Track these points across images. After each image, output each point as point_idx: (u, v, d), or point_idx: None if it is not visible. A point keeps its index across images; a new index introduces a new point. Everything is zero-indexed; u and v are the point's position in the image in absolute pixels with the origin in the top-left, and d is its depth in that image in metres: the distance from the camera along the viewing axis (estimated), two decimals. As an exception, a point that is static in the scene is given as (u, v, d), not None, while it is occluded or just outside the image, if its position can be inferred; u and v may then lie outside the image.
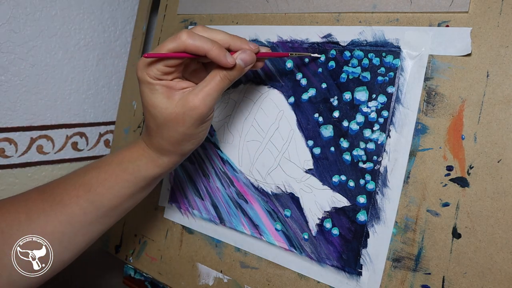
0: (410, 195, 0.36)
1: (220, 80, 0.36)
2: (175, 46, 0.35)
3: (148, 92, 0.36)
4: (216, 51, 0.35)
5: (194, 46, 0.34)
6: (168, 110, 0.36)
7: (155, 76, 0.36)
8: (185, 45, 0.35)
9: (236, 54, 0.36)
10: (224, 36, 0.37)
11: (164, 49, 0.35)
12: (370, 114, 0.38)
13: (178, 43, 0.35)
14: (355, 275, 0.38)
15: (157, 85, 0.36)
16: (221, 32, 0.37)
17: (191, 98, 0.36)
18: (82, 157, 0.66)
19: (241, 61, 0.36)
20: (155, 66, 0.35)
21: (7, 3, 0.53)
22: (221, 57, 0.35)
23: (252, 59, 0.37)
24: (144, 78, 0.36)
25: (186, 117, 0.36)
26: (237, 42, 0.37)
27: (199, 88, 0.36)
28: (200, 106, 0.36)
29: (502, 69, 0.33)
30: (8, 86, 0.56)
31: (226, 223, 0.47)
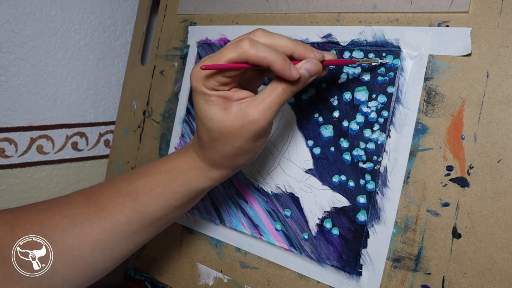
0: (410, 195, 0.36)
1: (282, 92, 0.33)
2: (236, 56, 0.31)
3: (204, 103, 0.33)
4: (280, 63, 0.31)
5: (257, 57, 0.31)
6: (225, 123, 0.33)
7: (212, 86, 0.33)
8: (247, 55, 0.31)
9: (301, 63, 0.33)
10: (287, 42, 0.33)
11: (223, 59, 0.32)
12: (370, 114, 0.38)
13: (239, 52, 0.31)
14: (355, 275, 0.38)
15: (213, 96, 0.33)
16: (284, 38, 0.33)
17: (250, 111, 0.33)
18: (82, 157, 0.66)
19: (306, 72, 0.33)
20: (212, 77, 0.32)
21: (7, 3, 0.53)
22: (285, 70, 0.32)
23: (318, 69, 0.34)
24: (200, 88, 0.33)
25: (244, 131, 0.33)
26: (301, 50, 0.33)
27: (259, 100, 0.33)
28: (260, 120, 0.33)
29: (502, 69, 0.33)
30: (8, 86, 0.56)
31: (226, 223, 0.47)
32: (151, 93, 0.58)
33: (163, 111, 0.56)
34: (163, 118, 0.56)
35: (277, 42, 0.33)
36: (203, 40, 0.52)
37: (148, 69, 0.59)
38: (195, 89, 0.34)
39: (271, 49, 0.32)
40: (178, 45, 0.55)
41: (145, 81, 0.59)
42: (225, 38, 0.49)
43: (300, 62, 0.33)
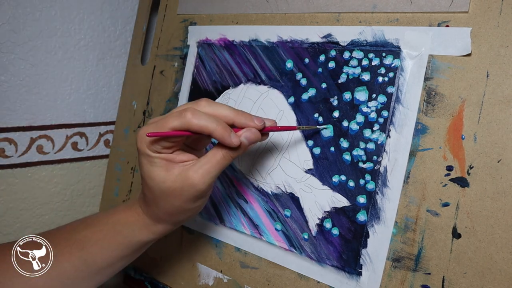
0: (410, 195, 0.36)
1: (222, 158, 0.35)
2: (179, 124, 0.33)
3: (147, 163, 0.36)
4: (220, 131, 0.34)
5: (198, 126, 0.33)
6: (166, 184, 0.35)
7: (156, 150, 0.35)
8: (189, 124, 0.33)
9: (241, 132, 0.35)
10: (229, 112, 0.35)
11: (167, 126, 0.34)
12: (370, 114, 0.38)
13: (182, 122, 0.33)
14: (355, 275, 0.38)
15: (156, 158, 0.35)
16: (226, 107, 0.35)
17: (190, 174, 0.35)
18: (82, 157, 0.66)
19: (246, 140, 0.35)
20: (157, 142, 0.35)
21: (7, 3, 0.53)
22: (225, 137, 0.34)
23: (257, 137, 0.36)
24: (144, 150, 0.35)
25: (184, 192, 0.35)
26: (242, 119, 0.35)
27: (199, 165, 0.35)
28: (199, 184, 0.35)
29: (502, 69, 0.33)
30: (8, 86, 0.56)
31: (226, 223, 0.47)
32: (151, 93, 0.58)
33: (163, 111, 0.56)
34: (163, 118, 0.56)
35: (219, 112, 0.35)
36: (203, 40, 0.52)
37: (148, 69, 0.59)
38: (140, 151, 0.36)
39: (212, 118, 0.34)
40: (178, 45, 0.55)
41: (145, 81, 0.59)
42: (225, 38, 0.49)
43: (241, 130, 0.35)
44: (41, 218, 0.64)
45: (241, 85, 0.47)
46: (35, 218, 0.63)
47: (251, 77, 0.47)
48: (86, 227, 0.40)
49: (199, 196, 0.36)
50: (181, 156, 0.36)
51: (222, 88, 0.49)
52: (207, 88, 0.51)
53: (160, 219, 0.38)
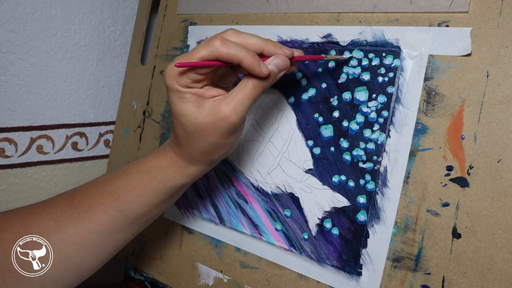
0: (410, 195, 0.36)
1: (253, 88, 0.34)
2: (208, 53, 0.33)
3: (178, 100, 0.35)
4: (250, 59, 0.33)
5: (228, 54, 0.32)
6: (198, 119, 0.34)
7: (185, 84, 0.34)
8: (218, 52, 0.32)
9: (270, 59, 0.35)
10: (257, 40, 0.35)
11: (196, 56, 0.33)
12: (370, 114, 0.38)
13: (211, 50, 0.33)
14: (355, 275, 0.38)
15: (186, 94, 0.34)
16: (254, 36, 0.35)
17: (222, 107, 0.34)
18: (82, 157, 0.66)
19: (275, 67, 0.35)
20: (185, 74, 0.34)
21: (7, 3, 0.53)
22: (255, 67, 0.33)
23: (286, 64, 0.35)
24: (173, 86, 0.34)
25: (217, 127, 0.34)
26: (271, 47, 0.35)
27: (231, 97, 0.34)
28: (232, 116, 0.34)
29: (502, 69, 0.33)
30: (8, 86, 0.56)
31: (226, 223, 0.47)
32: (151, 93, 0.58)
33: (163, 111, 0.56)
34: (163, 118, 0.56)
35: (247, 40, 0.34)
36: (203, 40, 0.52)
37: (148, 69, 0.59)
38: (169, 87, 0.35)
39: (241, 47, 0.33)
40: (178, 45, 0.55)
41: (145, 81, 0.59)
42: (225, 38, 0.49)
43: (269, 58, 0.35)
44: (41, 218, 0.64)
45: (241, 85, 0.47)
46: (35, 218, 0.63)
47: (251, 77, 0.47)
48: (119, 177, 0.39)
49: (233, 129, 0.35)
50: (211, 91, 0.35)
51: (222, 88, 0.49)
52: (207, 88, 0.51)
53: (193, 159, 0.37)
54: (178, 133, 0.36)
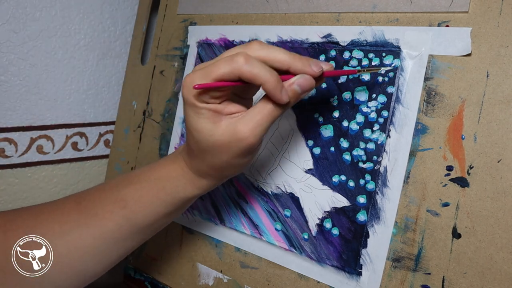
0: (410, 195, 0.36)
1: (273, 109, 0.32)
2: (229, 70, 0.31)
3: (193, 115, 0.33)
4: (273, 84, 0.31)
5: (250, 74, 0.30)
6: (214, 137, 0.33)
7: (203, 100, 0.32)
8: (241, 71, 0.31)
9: (294, 79, 0.32)
10: (284, 56, 0.32)
11: (216, 73, 0.31)
12: (370, 114, 0.38)
13: (233, 67, 0.31)
14: (355, 275, 0.38)
15: (203, 109, 0.32)
16: (281, 51, 0.32)
17: (239, 127, 0.32)
18: (82, 157, 0.66)
19: (299, 88, 0.32)
20: (204, 91, 0.32)
21: (7, 3, 0.53)
22: (276, 93, 0.31)
23: (311, 85, 0.33)
24: (191, 100, 0.32)
25: (232, 147, 0.33)
26: (299, 65, 0.32)
27: (249, 117, 0.32)
28: (250, 138, 0.32)
29: (502, 69, 0.33)
30: (8, 86, 0.56)
31: (226, 223, 0.47)
32: (151, 93, 0.58)
33: (163, 111, 0.56)
34: (163, 118, 0.56)
35: (274, 55, 0.32)
36: (203, 40, 0.52)
37: (148, 69, 0.59)
38: (186, 100, 0.33)
39: (265, 68, 0.31)
40: (178, 45, 0.55)
41: (145, 81, 0.59)
42: (225, 38, 0.49)
43: (294, 76, 0.33)
44: (41, 218, 0.64)
45: (241, 85, 0.47)
46: (35, 218, 0.63)
47: (251, 77, 0.47)
48: (127, 184, 0.38)
49: (249, 151, 0.33)
50: (230, 107, 0.33)
51: (222, 88, 0.49)
52: (207, 88, 0.51)
53: (205, 173, 0.36)
54: (191, 146, 0.35)
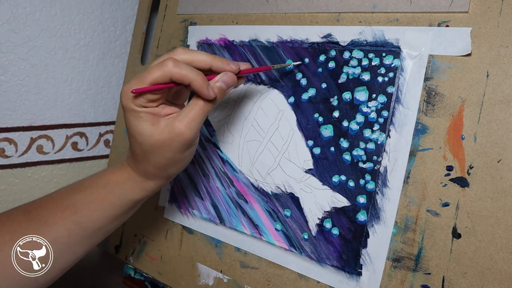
0: (410, 195, 0.36)
1: (204, 105, 0.37)
2: (161, 74, 0.35)
3: (134, 119, 0.37)
4: (199, 82, 0.35)
5: (179, 75, 0.35)
6: (154, 137, 0.36)
7: (141, 104, 0.36)
8: (171, 73, 0.35)
9: (218, 77, 0.37)
10: (206, 57, 0.37)
11: (150, 78, 0.35)
12: (370, 114, 0.38)
13: (164, 71, 0.35)
14: (355, 275, 0.38)
15: (142, 113, 0.36)
16: (203, 53, 0.38)
17: (176, 124, 0.36)
18: (82, 157, 0.66)
19: (223, 84, 0.37)
20: (141, 96, 0.36)
21: (7, 3, 0.53)
22: (203, 89, 0.36)
23: (233, 80, 0.38)
24: (129, 106, 0.36)
25: (172, 143, 0.36)
26: (218, 63, 0.38)
27: (184, 114, 0.36)
28: (186, 132, 0.36)
29: (502, 69, 0.33)
30: (8, 86, 0.56)
31: (226, 223, 0.47)
32: (151, 93, 0.58)
33: (163, 111, 0.56)
34: (163, 118, 0.56)
35: (196, 57, 0.37)
36: (203, 40, 0.52)
37: (148, 69, 0.59)
38: (125, 108, 0.37)
39: (191, 69, 0.35)
40: (178, 45, 0.55)
41: (145, 81, 0.59)
42: (225, 38, 0.49)
43: (218, 75, 0.37)
44: (41, 218, 0.64)
45: (241, 85, 0.47)
46: (35, 218, 0.63)
47: (251, 77, 0.47)
48: (77, 191, 0.40)
49: (188, 144, 0.37)
50: (166, 110, 0.37)
51: (222, 88, 0.49)
52: (207, 88, 0.51)
53: (151, 174, 0.39)
54: (135, 151, 0.38)
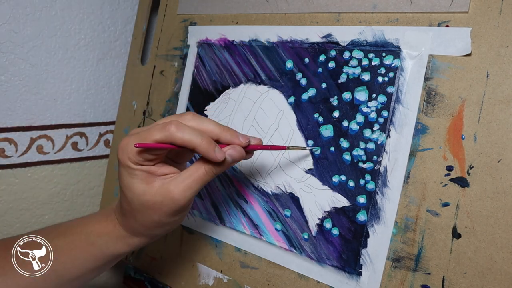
0: (410, 195, 0.36)
1: (205, 174, 0.35)
2: (162, 137, 0.33)
3: (127, 175, 0.35)
4: (205, 146, 0.33)
5: (182, 140, 0.33)
6: (146, 197, 0.34)
7: (137, 161, 0.34)
8: (173, 138, 0.33)
9: (225, 149, 0.35)
10: (214, 127, 0.35)
11: (151, 138, 0.33)
12: (370, 114, 0.38)
13: (165, 135, 0.33)
14: (355, 275, 0.38)
15: (137, 170, 0.34)
16: (212, 122, 0.35)
17: (171, 188, 0.34)
18: (82, 157, 0.66)
19: (230, 157, 0.35)
20: (139, 153, 0.34)
21: (7, 3, 0.53)
22: (210, 152, 0.33)
23: (241, 155, 0.35)
24: (125, 161, 0.34)
25: (163, 207, 0.34)
26: (227, 136, 0.35)
27: (181, 179, 0.34)
28: (180, 199, 0.34)
29: (502, 69, 0.33)
30: (8, 86, 0.56)
31: (226, 223, 0.47)
32: (151, 93, 0.58)
33: (163, 111, 0.56)
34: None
35: (204, 126, 0.34)
36: (203, 40, 0.52)
37: (148, 69, 0.59)
38: (121, 162, 0.34)
39: (197, 132, 0.33)
40: (178, 45, 0.55)
41: (145, 81, 0.59)
42: (225, 38, 0.49)
43: (225, 147, 0.35)
44: (41, 218, 0.64)
45: (241, 85, 0.47)
46: (35, 218, 0.63)
47: (251, 77, 0.47)
48: (58, 235, 0.39)
49: (179, 210, 0.35)
50: (163, 169, 0.35)
51: (222, 88, 0.49)
52: (207, 88, 0.51)
53: (136, 231, 0.38)
54: (124, 206, 0.36)
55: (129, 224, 0.37)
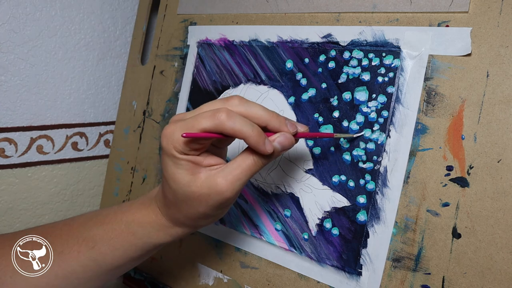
0: (410, 195, 0.36)
1: (253, 164, 0.33)
2: (211, 126, 0.31)
3: (172, 165, 0.33)
4: (255, 138, 0.31)
5: (232, 130, 0.31)
6: (192, 188, 0.33)
7: (183, 151, 0.32)
8: (223, 127, 0.31)
9: (275, 136, 0.33)
10: (262, 113, 0.32)
11: (199, 126, 0.31)
12: (370, 114, 0.38)
13: (215, 123, 0.31)
14: (355, 275, 0.38)
15: (183, 160, 0.32)
16: (260, 108, 0.33)
17: (219, 181, 0.32)
18: (82, 157, 0.66)
19: (279, 145, 0.33)
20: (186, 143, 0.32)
21: (7, 3, 0.53)
22: (260, 145, 0.31)
23: (290, 143, 0.33)
24: (170, 151, 0.32)
25: (209, 199, 0.33)
26: (276, 122, 0.33)
27: (228, 171, 0.32)
28: (228, 191, 0.32)
29: (502, 69, 0.33)
30: (8, 86, 0.56)
31: (226, 223, 0.47)
32: (151, 93, 0.58)
33: (163, 111, 0.56)
34: (163, 118, 0.56)
35: (253, 112, 0.32)
36: (203, 40, 0.52)
37: (148, 69, 0.59)
38: (165, 150, 0.33)
39: (247, 122, 0.31)
40: (178, 45, 0.55)
41: (145, 81, 0.59)
42: (225, 38, 0.49)
43: (274, 135, 0.33)
44: (41, 218, 0.64)
45: (241, 85, 0.47)
46: (35, 218, 0.63)
47: (251, 77, 0.47)
48: (96, 224, 0.38)
49: (226, 203, 0.34)
50: (209, 160, 0.34)
51: (222, 88, 0.49)
52: (207, 88, 0.51)
53: (180, 222, 0.36)
54: (168, 196, 0.35)
55: (172, 214, 0.36)
